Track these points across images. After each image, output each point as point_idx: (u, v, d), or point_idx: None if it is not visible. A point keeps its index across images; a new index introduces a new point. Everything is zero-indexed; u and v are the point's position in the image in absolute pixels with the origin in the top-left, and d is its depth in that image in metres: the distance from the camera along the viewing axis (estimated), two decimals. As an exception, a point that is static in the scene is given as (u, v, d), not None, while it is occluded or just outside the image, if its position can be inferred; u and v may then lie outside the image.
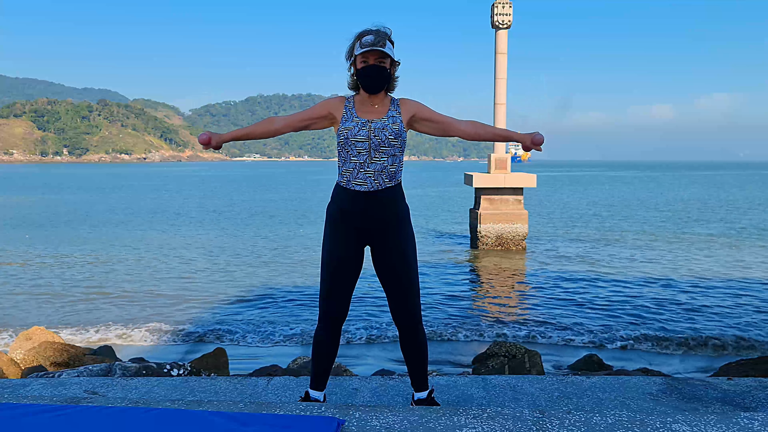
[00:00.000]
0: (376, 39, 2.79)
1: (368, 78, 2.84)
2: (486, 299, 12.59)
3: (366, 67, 2.83)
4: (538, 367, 6.05)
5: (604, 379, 3.76)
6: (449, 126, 2.99)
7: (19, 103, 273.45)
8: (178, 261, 16.96)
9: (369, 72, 2.83)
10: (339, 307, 2.98)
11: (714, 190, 57.27)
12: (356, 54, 2.82)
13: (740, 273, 14.87)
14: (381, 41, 2.80)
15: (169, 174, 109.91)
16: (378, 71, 2.83)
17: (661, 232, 23.87)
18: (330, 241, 2.96)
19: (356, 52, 2.82)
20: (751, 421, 2.44)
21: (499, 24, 18.88)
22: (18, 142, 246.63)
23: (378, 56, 2.82)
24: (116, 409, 2.59)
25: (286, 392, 3.51)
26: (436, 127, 2.99)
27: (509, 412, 2.57)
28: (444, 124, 2.98)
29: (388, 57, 2.84)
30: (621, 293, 12.54)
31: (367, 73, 2.83)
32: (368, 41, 2.79)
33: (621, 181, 80.00)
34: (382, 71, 2.84)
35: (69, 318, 10.91)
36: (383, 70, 2.84)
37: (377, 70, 2.83)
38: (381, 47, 2.78)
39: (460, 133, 2.99)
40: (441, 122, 2.98)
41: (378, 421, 2.48)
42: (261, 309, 11.42)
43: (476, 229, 18.77)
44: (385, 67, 2.84)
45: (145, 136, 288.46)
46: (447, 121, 2.99)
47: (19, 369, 6.63)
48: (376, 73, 2.83)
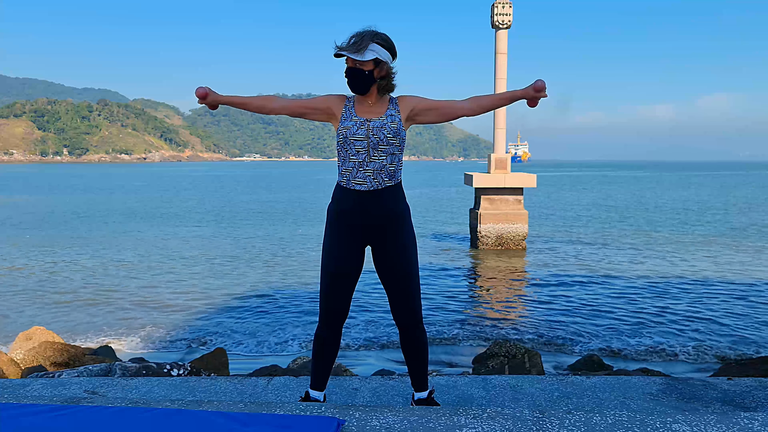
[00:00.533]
0: (349, 42, 2.82)
1: (347, 79, 2.89)
2: (486, 299, 12.59)
3: (346, 69, 2.88)
4: (538, 367, 6.05)
5: (604, 379, 3.76)
6: (451, 108, 2.98)
7: (19, 103, 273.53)
8: (178, 261, 16.96)
9: (347, 74, 2.88)
10: (339, 307, 2.98)
11: (714, 191, 57.27)
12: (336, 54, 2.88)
13: (740, 273, 14.87)
14: (357, 44, 2.81)
15: (169, 174, 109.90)
16: (354, 73, 2.85)
17: (662, 232, 23.88)
18: (330, 240, 2.97)
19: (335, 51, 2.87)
20: (751, 421, 2.44)
21: (499, 24, 18.88)
22: (18, 142, 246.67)
23: (353, 60, 2.85)
24: (116, 409, 2.59)
25: (286, 392, 3.52)
26: (438, 114, 2.99)
27: (509, 412, 2.57)
28: (446, 108, 2.98)
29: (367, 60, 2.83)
30: (621, 293, 12.55)
31: (347, 74, 2.88)
32: (342, 44, 2.83)
33: (621, 182, 79.99)
34: (360, 73, 2.85)
35: (69, 318, 10.91)
36: (360, 72, 2.85)
37: (353, 72, 2.86)
38: (352, 51, 2.80)
39: (464, 111, 2.97)
40: (442, 107, 2.98)
41: (378, 421, 2.48)
42: (261, 309, 11.42)
43: (476, 229, 18.78)
44: (363, 70, 2.85)
45: (145, 136, 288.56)
46: (447, 104, 2.99)
47: (19, 369, 6.63)
48: (353, 75, 2.86)
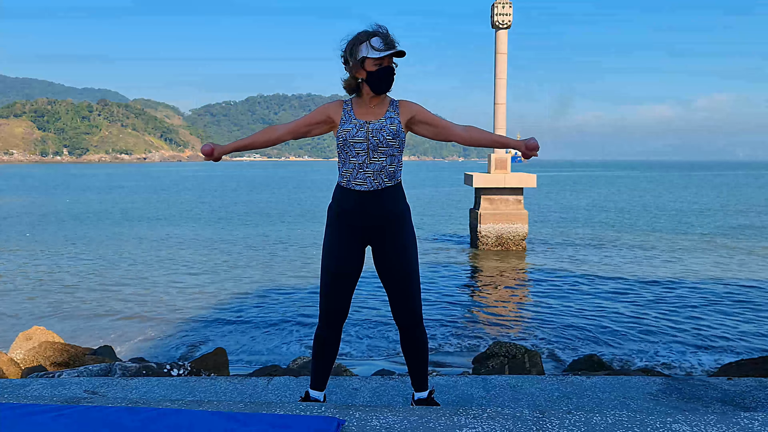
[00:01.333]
0: (389, 40, 2.80)
1: (381, 80, 2.83)
2: (486, 299, 12.59)
3: (381, 69, 2.81)
4: (538, 367, 6.04)
5: (604, 379, 3.76)
6: (447, 130, 2.99)
7: (19, 103, 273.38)
8: (178, 261, 16.96)
9: (383, 74, 2.82)
10: (339, 307, 2.98)
11: (714, 191, 57.25)
12: (370, 57, 2.78)
13: (740, 273, 14.87)
14: (393, 41, 2.81)
15: (170, 174, 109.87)
16: (392, 72, 2.85)
17: (661, 232, 23.88)
18: (331, 240, 2.97)
19: (371, 54, 2.77)
20: (751, 421, 2.44)
21: (499, 24, 18.88)
22: (18, 142, 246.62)
23: (392, 57, 2.84)
24: (116, 409, 2.59)
25: (286, 392, 3.52)
26: (433, 131, 3.00)
27: (509, 412, 2.57)
28: (442, 128, 2.99)
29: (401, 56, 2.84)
30: (621, 293, 12.55)
31: (382, 74, 2.82)
32: (382, 44, 2.78)
33: (621, 182, 79.98)
34: (393, 72, 2.86)
35: (69, 318, 10.91)
36: (394, 70, 2.86)
37: (391, 72, 2.84)
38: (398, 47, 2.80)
39: (458, 138, 3.00)
40: (439, 126, 2.99)
41: (378, 421, 2.48)
42: (261, 309, 11.42)
43: (476, 229, 18.78)
44: (395, 67, 2.87)
45: (145, 136, 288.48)
46: (445, 125, 3.00)
47: (19, 369, 6.62)
48: (390, 74, 2.85)
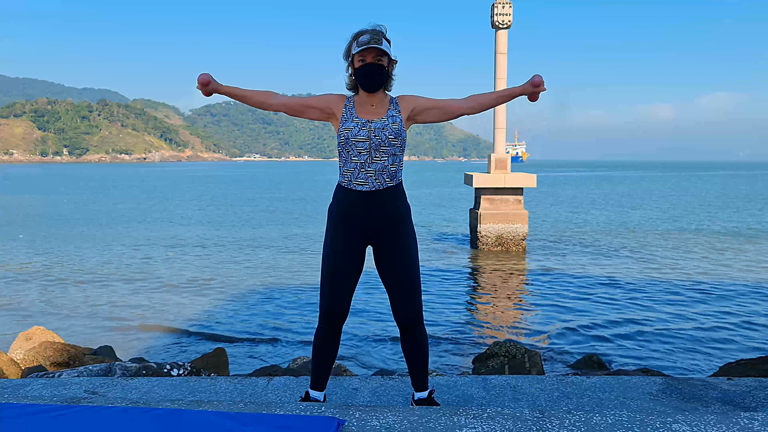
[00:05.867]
0: (372, 37, 2.80)
1: (366, 76, 2.85)
2: (486, 299, 12.59)
3: (364, 66, 2.84)
4: (538, 367, 6.04)
5: (604, 379, 3.76)
6: (451, 107, 2.99)
7: (19, 103, 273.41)
8: (178, 261, 16.96)
9: (367, 70, 2.84)
10: (340, 307, 2.98)
11: (714, 191, 57.24)
12: (354, 53, 2.83)
13: (740, 273, 14.87)
14: (378, 39, 2.81)
15: (170, 174, 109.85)
16: (376, 69, 2.84)
17: (661, 233, 23.87)
18: (331, 240, 2.97)
19: (354, 50, 2.83)
20: (751, 421, 2.44)
21: (499, 24, 18.88)
22: (18, 142, 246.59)
23: (375, 54, 2.83)
24: (116, 409, 2.59)
25: (286, 392, 3.51)
26: (439, 113, 2.99)
27: (509, 412, 2.57)
28: (446, 107, 2.99)
29: (386, 55, 2.85)
30: (621, 293, 12.54)
31: (365, 71, 2.84)
32: (365, 40, 2.80)
33: (621, 182, 79.96)
34: (380, 69, 2.85)
35: (69, 318, 10.91)
36: (381, 68, 2.85)
37: (375, 68, 2.84)
38: (378, 45, 2.80)
39: (463, 109, 2.99)
40: (442, 106, 2.99)
41: (378, 421, 2.48)
42: (261, 308, 11.42)
43: (476, 229, 18.77)
44: (383, 65, 2.86)
45: (145, 136, 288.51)
46: (447, 103, 3.00)
47: (19, 369, 6.62)
48: (374, 71, 2.84)
